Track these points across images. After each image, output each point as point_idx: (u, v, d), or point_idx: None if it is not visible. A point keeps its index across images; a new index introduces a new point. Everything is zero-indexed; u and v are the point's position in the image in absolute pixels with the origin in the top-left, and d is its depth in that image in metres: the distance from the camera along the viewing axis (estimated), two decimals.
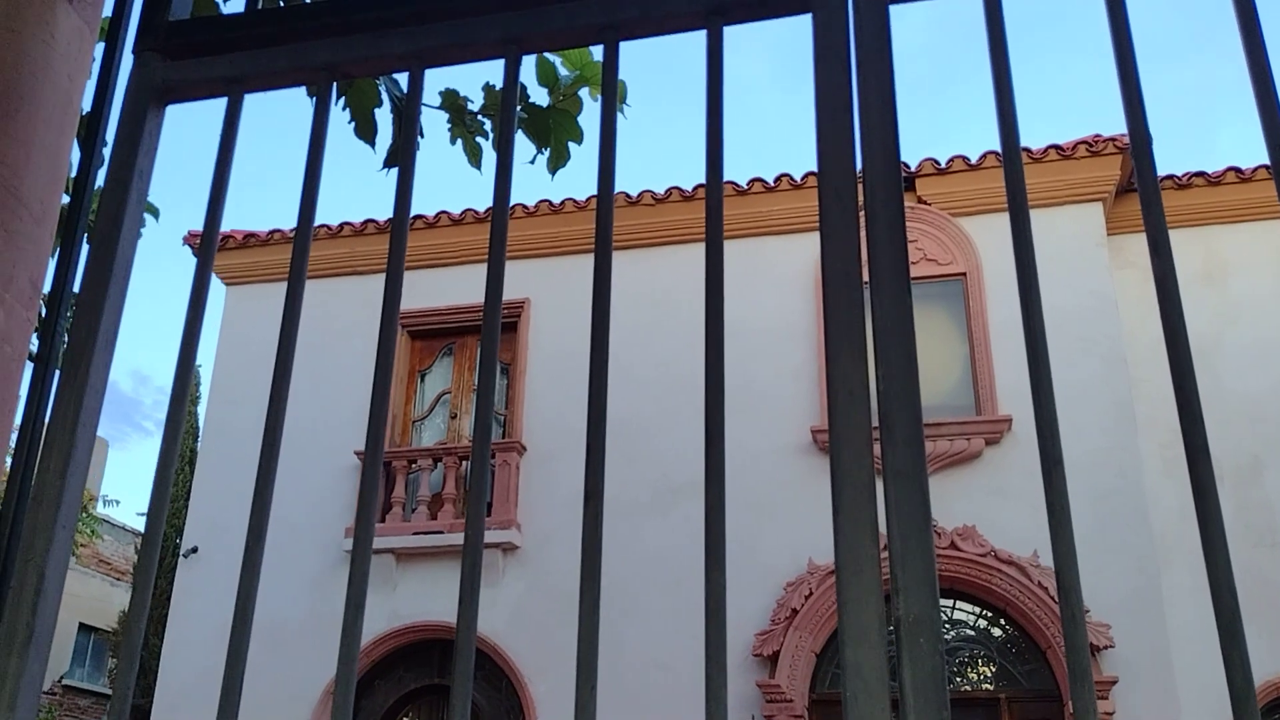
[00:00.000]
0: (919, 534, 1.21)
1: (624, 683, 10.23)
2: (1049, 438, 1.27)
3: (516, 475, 11.45)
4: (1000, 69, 1.45)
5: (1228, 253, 11.27)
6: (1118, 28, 1.42)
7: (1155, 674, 9.48)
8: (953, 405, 10.79)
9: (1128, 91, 1.39)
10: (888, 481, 1.24)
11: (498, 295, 1.55)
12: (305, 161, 1.71)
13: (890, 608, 1.16)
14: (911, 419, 1.28)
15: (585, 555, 1.35)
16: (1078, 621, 1.16)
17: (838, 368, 1.32)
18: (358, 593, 1.40)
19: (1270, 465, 10.48)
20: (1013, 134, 1.44)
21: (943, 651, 1.16)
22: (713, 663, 1.26)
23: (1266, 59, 1.36)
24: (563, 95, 2.66)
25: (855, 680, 1.16)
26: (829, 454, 1.25)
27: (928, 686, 1.13)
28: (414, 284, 12.41)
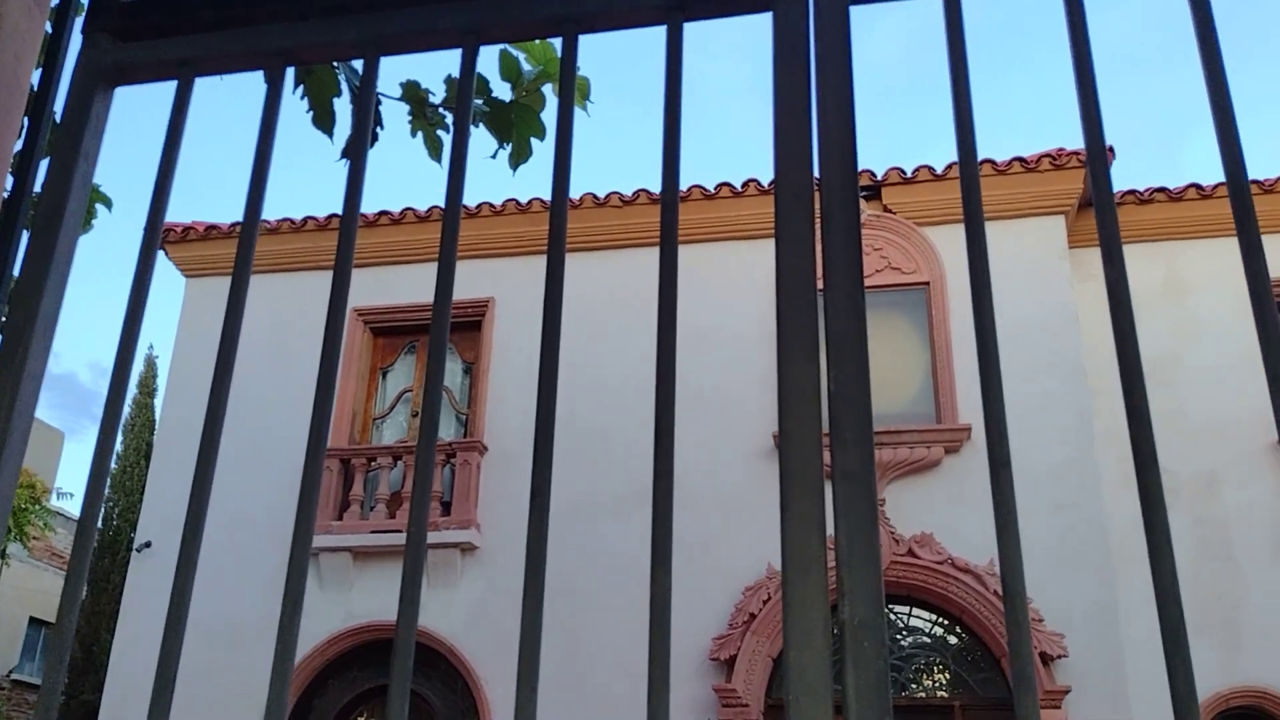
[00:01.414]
0: (866, 537, 1.20)
1: (584, 686, 10.21)
2: (996, 440, 1.27)
3: (477, 475, 11.39)
4: (959, 80, 1.45)
5: (1188, 269, 11.41)
6: (1075, 32, 1.42)
7: (1108, 684, 9.57)
8: (913, 413, 10.86)
9: (1084, 95, 1.39)
10: (836, 483, 1.23)
11: (448, 284, 1.52)
12: (255, 148, 1.68)
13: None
14: (861, 421, 1.27)
15: (530, 552, 1.33)
16: (1022, 626, 1.16)
17: (790, 368, 1.30)
18: (295, 588, 1.37)
19: (1227, 481, 10.61)
20: (970, 145, 1.44)
21: (886, 656, 1.15)
22: (655, 662, 1.24)
23: (1224, 77, 1.36)
24: (525, 90, 2.64)
25: (798, 683, 1.15)
26: (779, 454, 1.24)
27: (871, 691, 1.12)
28: (378, 281, 12.33)
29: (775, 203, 1.40)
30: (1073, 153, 11.26)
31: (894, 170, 11.61)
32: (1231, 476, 10.58)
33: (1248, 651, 10.04)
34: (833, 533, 1.20)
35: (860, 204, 1.40)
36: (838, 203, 1.38)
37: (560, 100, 1.55)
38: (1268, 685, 9.94)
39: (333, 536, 11.22)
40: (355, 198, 1.61)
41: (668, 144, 1.51)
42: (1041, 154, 11.30)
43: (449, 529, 11.07)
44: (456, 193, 1.57)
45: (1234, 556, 10.38)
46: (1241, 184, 1.30)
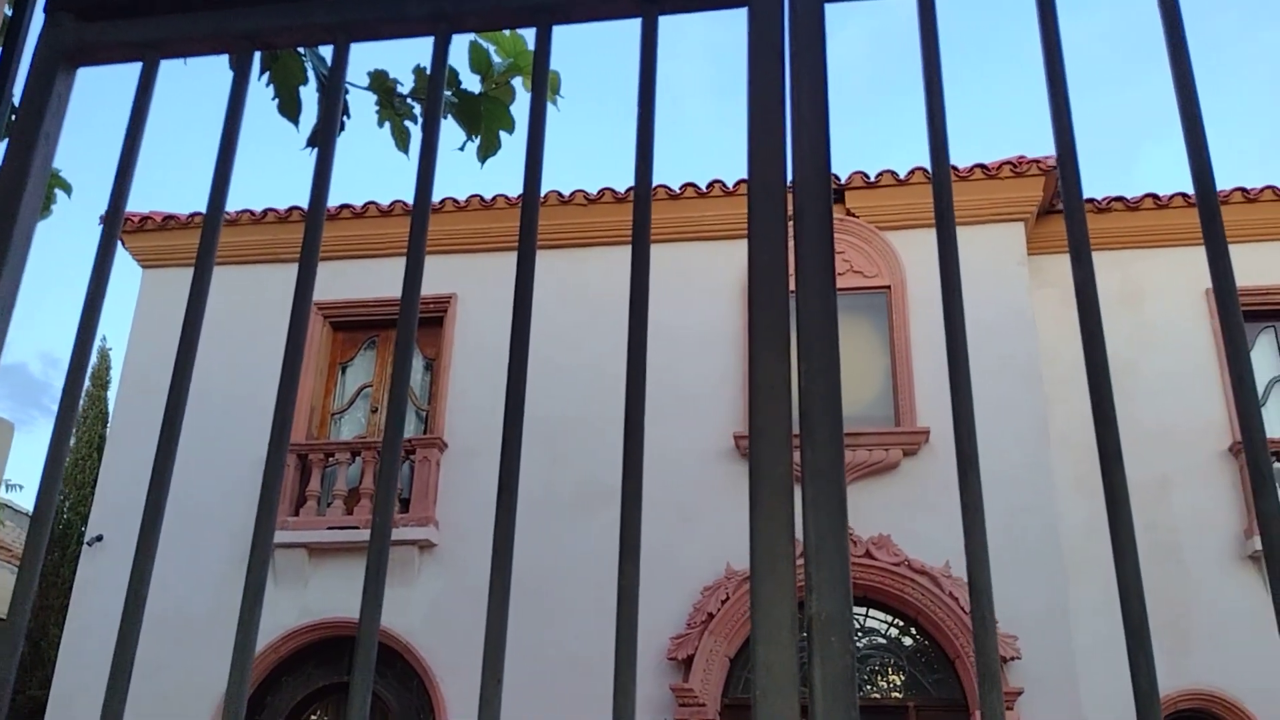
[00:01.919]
0: (835, 533, 1.20)
1: (545, 685, 10.17)
2: (965, 438, 1.27)
3: (437, 472, 11.32)
4: (933, 86, 1.45)
5: (1144, 278, 11.58)
6: (1046, 29, 1.43)
7: (1060, 687, 9.68)
8: (873, 416, 10.93)
9: (1054, 94, 1.40)
10: (806, 480, 1.23)
11: (417, 275, 1.51)
12: (221, 134, 1.65)
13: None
14: (832, 418, 1.27)
15: (497, 547, 1.32)
16: (988, 623, 1.16)
17: (761, 363, 1.30)
18: (256, 579, 1.34)
19: (1178, 487, 10.78)
20: (942, 149, 1.44)
21: (854, 651, 1.15)
22: (623, 656, 1.23)
23: (1193, 87, 1.37)
24: (495, 83, 2.62)
25: (765, 678, 1.15)
26: (748, 451, 1.24)
27: (838, 685, 1.12)
28: (338, 274, 12.22)
29: (748, 198, 1.40)
30: (1033, 161, 11.39)
31: (857, 174, 11.68)
32: (1182, 482, 10.75)
33: (1196, 655, 10.21)
34: (800, 529, 1.20)
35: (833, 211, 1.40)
36: (810, 198, 1.38)
37: (533, 91, 1.54)
38: (1216, 688, 10.11)
39: (289, 533, 11.10)
40: (323, 186, 1.59)
41: (641, 138, 1.51)
42: (1003, 161, 11.42)
43: (407, 526, 10.99)
44: (427, 181, 1.55)
45: (1184, 561, 10.55)
46: (1209, 192, 1.31)
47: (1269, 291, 11.27)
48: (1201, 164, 1.35)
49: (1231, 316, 1.24)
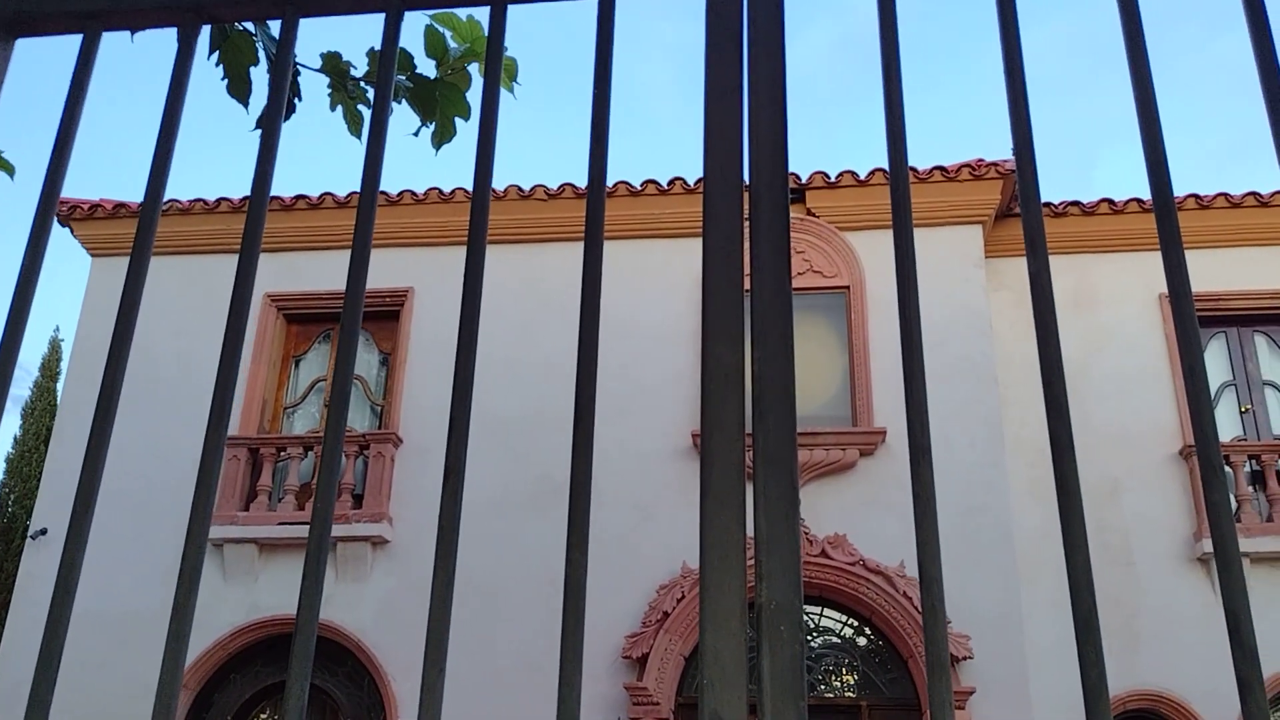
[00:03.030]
0: (786, 521, 1.18)
1: (497, 683, 10.12)
2: (919, 429, 1.26)
3: (391, 468, 11.22)
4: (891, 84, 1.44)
5: (1097, 282, 11.72)
6: (1006, 22, 1.42)
7: (1011, 687, 9.77)
8: (830, 416, 10.98)
9: (1012, 87, 1.39)
10: (758, 467, 1.21)
11: (363, 261, 1.47)
12: (163, 111, 1.60)
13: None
14: (785, 406, 1.26)
15: (441, 533, 1.29)
16: (938, 614, 1.15)
17: (714, 350, 1.29)
18: (191, 568, 1.30)
19: (1128, 489, 10.92)
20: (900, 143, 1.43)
21: (803, 640, 1.13)
22: (568, 649, 1.21)
23: (1152, 94, 1.37)
24: (451, 69, 2.58)
25: (713, 666, 1.13)
26: (700, 438, 1.22)
27: (786, 674, 1.11)
28: (293, 266, 12.08)
29: (704, 186, 1.38)
30: (991, 164, 11.50)
31: (818, 174, 11.72)
32: (1133, 485, 10.89)
33: (1145, 656, 10.35)
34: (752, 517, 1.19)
35: (789, 190, 1.38)
36: (766, 187, 1.37)
37: (486, 73, 1.51)
38: (1164, 689, 10.25)
39: (238, 528, 10.96)
40: (268, 164, 1.55)
41: (596, 120, 1.48)
42: (961, 164, 11.51)
43: (360, 522, 10.89)
44: (375, 162, 1.52)
45: (1133, 563, 10.69)
46: (1166, 196, 1.31)
47: (1221, 297, 11.46)
48: (1158, 159, 1.35)
49: (1184, 306, 1.24)
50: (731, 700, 1.11)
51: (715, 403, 1.25)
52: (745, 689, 1.12)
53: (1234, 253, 11.48)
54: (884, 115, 1.41)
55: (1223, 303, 11.49)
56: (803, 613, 1.15)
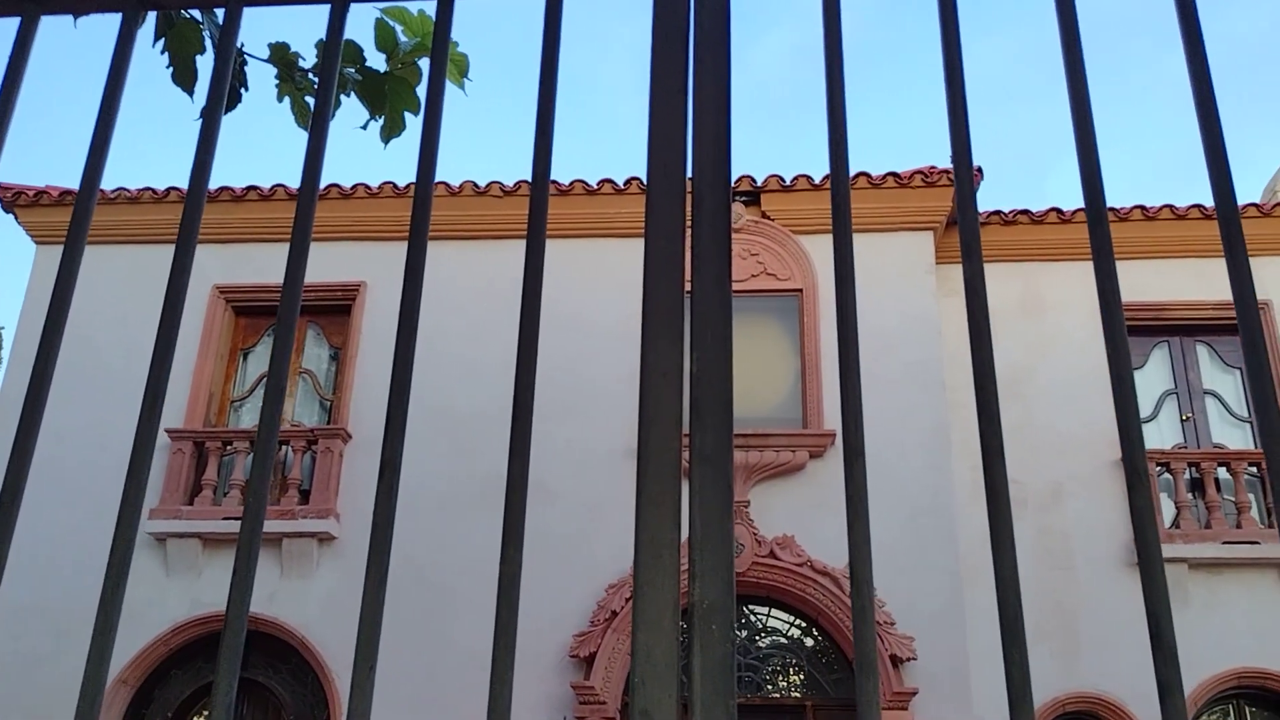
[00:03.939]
0: (720, 521, 1.19)
1: (447, 681, 10.07)
2: (853, 430, 1.27)
3: (339, 463, 11.12)
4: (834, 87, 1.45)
5: (1045, 289, 11.89)
6: (947, 32, 1.44)
7: (953, 688, 9.89)
8: (781, 418, 11.04)
9: (951, 94, 1.41)
10: (694, 466, 1.22)
11: (303, 250, 1.46)
12: (101, 97, 1.58)
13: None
14: (722, 406, 1.27)
15: (376, 529, 1.28)
16: (867, 614, 1.16)
17: (653, 349, 1.29)
18: (120, 560, 1.29)
19: (1070, 494, 11.09)
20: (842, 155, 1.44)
21: (734, 639, 1.14)
22: (501, 645, 1.20)
23: (1088, 103, 1.40)
24: (401, 63, 2.57)
25: (645, 664, 1.13)
26: (638, 437, 1.22)
27: (717, 672, 1.12)
28: (243, 258, 11.94)
29: (647, 184, 1.38)
30: (943, 171, 11.62)
31: (773, 177, 11.79)
32: (1075, 489, 11.06)
33: (1084, 659, 10.51)
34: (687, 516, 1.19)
35: (731, 191, 1.39)
36: (709, 186, 1.37)
37: (431, 63, 1.50)
38: (1102, 691, 10.42)
39: (182, 522, 10.80)
40: (207, 155, 1.53)
41: (541, 118, 1.48)
42: (915, 170, 11.63)
43: (306, 518, 10.78)
44: (317, 153, 1.50)
45: (1074, 567, 10.85)
46: (1099, 206, 1.33)
47: (1164, 307, 11.67)
48: (1092, 169, 1.37)
49: (1114, 314, 1.26)
50: (662, 699, 1.12)
51: (653, 402, 1.26)
52: (676, 688, 1.13)
53: (1178, 264, 11.69)
54: (826, 121, 1.42)
55: (1166, 313, 11.71)
56: (735, 612, 1.16)
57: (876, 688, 1.13)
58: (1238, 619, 10.46)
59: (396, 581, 10.29)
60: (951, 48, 1.43)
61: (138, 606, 10.44)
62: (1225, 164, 1.32)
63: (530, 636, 9.91)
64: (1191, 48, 1.36)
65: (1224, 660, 10.36)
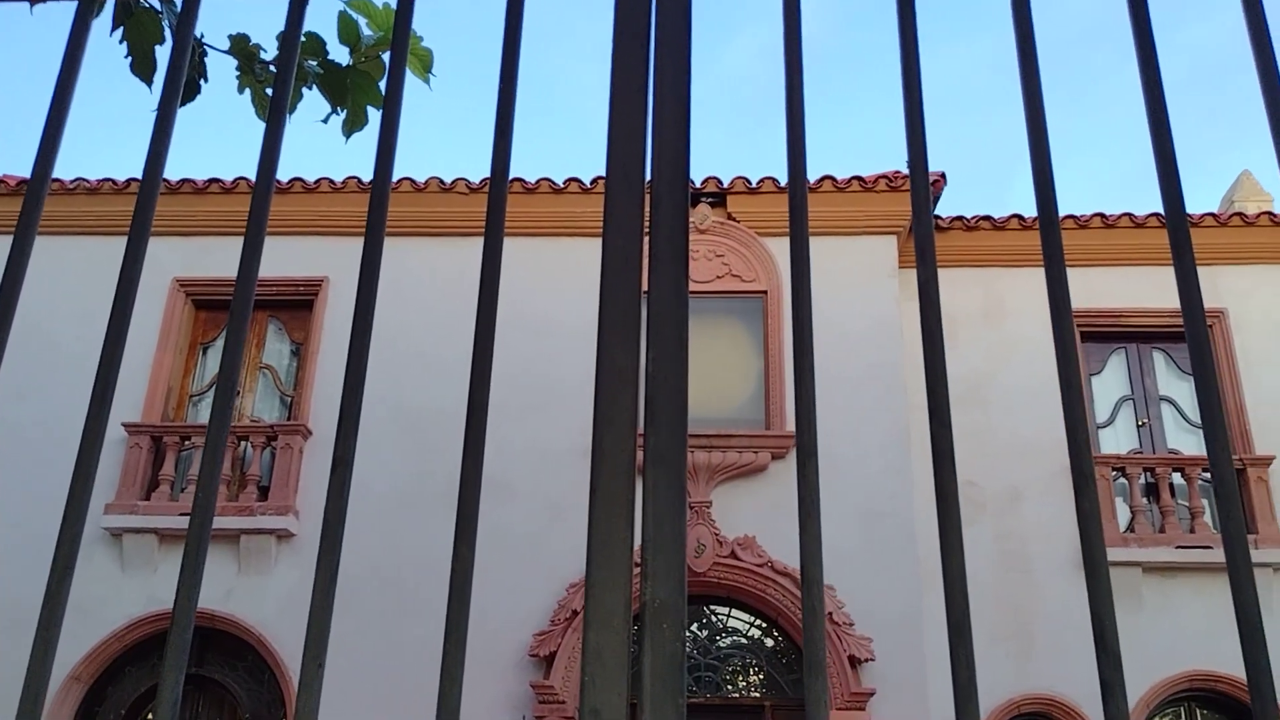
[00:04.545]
0: (673, 520, 1.19)
1: (403, 681, 10.01)
2: (805, 430, 1.28)
3: (299, 460, 11.02)
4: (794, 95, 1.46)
5: (1006, 295, 12.00)
6: (906, 36, 1.45)
7: (911, 689, 9.96)
8: (744, 419, 11.07)
9: (909, 99, 1.42)
10: (648, 466, 1.22)
11: (257, 245, 1.45)
12: (55, 83, 1.56)
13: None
14: (677, 406, 1.27)
15: (326, 527, 1.27)
16: (817, 614, 1.17)
17: (609, 348, 1.29)
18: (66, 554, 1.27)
19: (1028, 498, 11.20)
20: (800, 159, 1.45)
21: (684, 639, 1.14)
22: (451, 641, 1.20)
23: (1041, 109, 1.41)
24: (364, 56, 2.55)
25: (595, 664, 1.13)
26: (592, 436, 1.22)
27: (667, 672, 1.12)
28: (205, 251, 11.81)
29: (605, 184, 1.38)
30: (908, 176, 11.69)
31: (739, 179, 11.82)
32: (1033, 493, 11.17)
33: (1039, 660, 10.63)
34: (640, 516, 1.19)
35: (690, 192, 1.40)
36: (668, 186, 1.37)
37: (392, 55, 1.50)
38: (1056, 693, 10.54)
39: (138, 517, 10.67)
40: (162, 145, 1.51)
41: (501, 115, 1.48)
42: (879, 175, 11.70)
43: (265, 515, 10.68)
44: (274, 144, 1.49)
45: (1031, 570, 10.97)
46: (1050, 212, 1.35)
47: (1122, 314, 11.82)
48: (1044, 175, 1.39)
49: (1064, 320, 1.28)
50: (611, 698, 1.12)
51: (607, 401, 1.25)
52: (626, 687, 1.13)
53: (1137, 271, 11.84)
54: (785, 123, 1.43)
55: (1124, 319, 11.86)
56: (686, 612, 1.16)
57: (825, 687, 1.14)
58: (1190, 622, 10.61)
59: (356, 581, 10.23)
60: (909, 52, 1.45)
61: (92, 603, 10.31)
62: (1175, 171, 1.34)
63: (490, 635, 9.88)
64: (1144, 56, 1.38)
65: (1176, 663, 10.51)
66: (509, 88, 1.48)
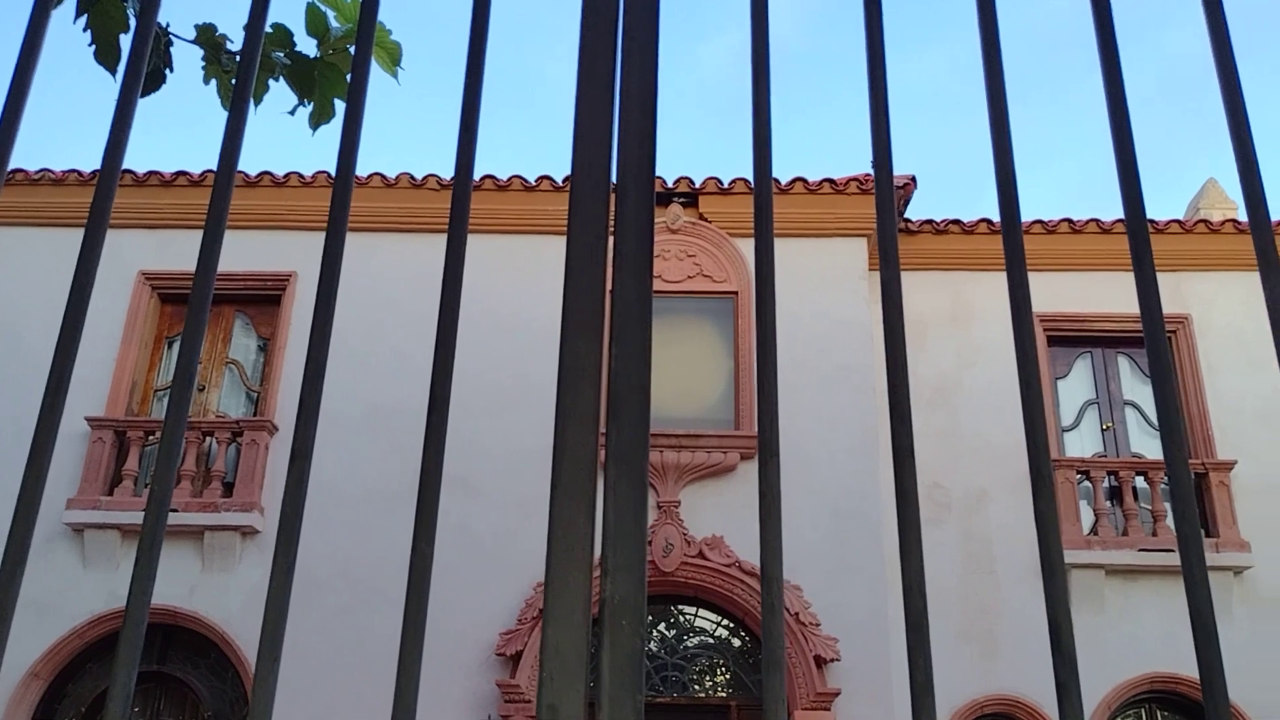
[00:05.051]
0: (634, 516, 1.19)
1: (367, 679, 9.94)
2: (768, 428, 1.28)
3: (265, 456, 10.94)
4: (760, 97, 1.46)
5: (974, 299, 12.08)
6: (872, 35, 1.45)
7: (876, 689, 10.01)
8: (713, 419, 11.09)
9: (875, 99, 1.43)
10: (609, 462, 1.22)
11: (217, 236, 1.43)
12: (14, 69, 1.53)
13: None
14: (640, 402, 1.26)
15: (284, 519, 1.26)
16: (776, 610, 1.17)
17: (572, 343, 1.28)
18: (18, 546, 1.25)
19: (994, 499, 11.28)
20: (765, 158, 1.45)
21: (644, 635, 1.14)
22: (409, 637, 1.19)
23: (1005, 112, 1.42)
24: (332, 49, 2.53)
25: (553, 660, 1.12)
26: (554, 431, 1.22)
27: (625, 668, 1.11)
28: (169, 243, 11.71)
29: (571, 179, 1.38)
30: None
31: (711, 180, 11.84)
32: (998, 496, 11.25)
33: (1003, 661, 10.71)
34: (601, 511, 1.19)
35: (655, 187, 1.39)
36: (634, 180, 1.37)
37: (357, 46, 1.48)
38: (1019, 694, 10.62)
39: (100, 512, 10.55)
40: (122, 133, 1.49)
41: (466, 109, 1.47)
42: (850, 177, 11.75)
43: (230, 511, 10.59)
44: (235, 135, 1.47)
45: (996, 571, 11.05)
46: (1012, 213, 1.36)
47: (1088, 319, 11.93)
48: (1007, 176, 1.39)
49: (1024, 322, 1.28)
50: (570, 694, 1.11)
51: (570, 396, 1.25)
52: (585, 684, 1.12)
53: (1103, 276, 11.95)
54: (751, 122, 1.43)
55: (1089, 324, 11.97)
56: (646, 608, 1.16)
57: (783, 683, 1.14)
58: (1152, 624, 10.73)
59: (323, 578, 10.17)
60: (875, 50, 1.45)
61: (52, 599, 10.19)
62: (1135, 176, 1.35)
63: (457, 634, 9.84)
64: (1108, 62, 1.39)
65: (1138, 665, 10.62)
66: (475, 81, 1.47)
